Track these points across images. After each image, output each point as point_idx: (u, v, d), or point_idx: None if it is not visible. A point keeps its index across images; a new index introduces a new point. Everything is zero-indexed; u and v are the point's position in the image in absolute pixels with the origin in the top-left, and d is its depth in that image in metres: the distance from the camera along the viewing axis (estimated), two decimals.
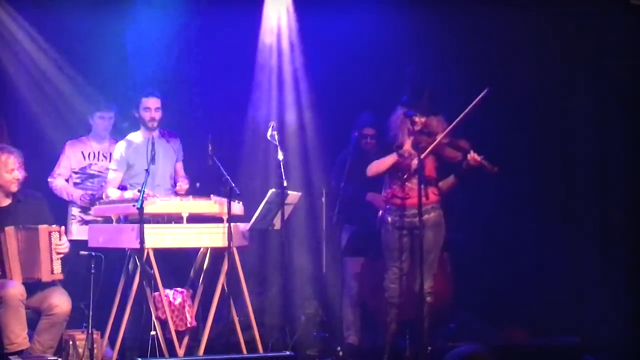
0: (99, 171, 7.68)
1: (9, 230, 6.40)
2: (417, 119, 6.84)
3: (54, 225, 6.58)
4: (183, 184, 7.25)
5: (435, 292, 6.95)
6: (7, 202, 6.59)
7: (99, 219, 7.17)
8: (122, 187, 7.35)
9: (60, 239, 6.53)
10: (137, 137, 7.34)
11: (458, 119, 6.72)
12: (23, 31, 8.03)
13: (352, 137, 7.50)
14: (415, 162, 6.79)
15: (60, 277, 6.53)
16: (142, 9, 8.00)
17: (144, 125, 7.34)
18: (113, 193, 7.17)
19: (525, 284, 8.01)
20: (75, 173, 7.67)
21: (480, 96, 6.66)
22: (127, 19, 7.99)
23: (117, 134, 7.71)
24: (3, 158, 6.54)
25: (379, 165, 6.98)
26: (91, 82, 8.06)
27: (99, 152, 7.73)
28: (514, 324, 7.76)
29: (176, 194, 7.18)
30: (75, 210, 7.63)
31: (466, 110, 6.69)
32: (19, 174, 6.57)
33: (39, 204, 6.72)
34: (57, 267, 6.49)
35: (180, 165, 7.49)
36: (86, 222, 7.55)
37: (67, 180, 7.68)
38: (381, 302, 7.08)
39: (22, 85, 8.04)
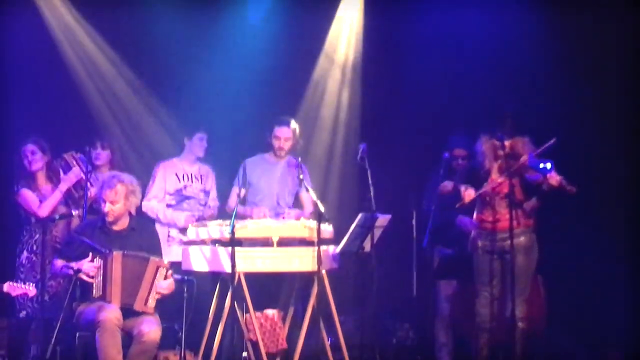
0: (193, 193, 7.79)
1: (117, 255, 6.50)
2: (505, 142, 6.79)
3: (165, 261, 6.67)
4: (291, 213, 7.32)
5: (527, 316, 6.85)
6: (121, 227, 6.71)
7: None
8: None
9: (165, 277, 6.59)
10: (262, 158, 7.46)
11: (519, 163, 6.73)
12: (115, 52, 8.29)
13: (443, 159, 7.45)
14: (468, 193, 6.79)
15: (152, 311, 6.55)
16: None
17: (272, 150, 7.47)
18: (239, 208, 7.26)
19: (620, 305, 7.85)
20: (170, 195, 7.77)
21: (546, 145, 6.68)
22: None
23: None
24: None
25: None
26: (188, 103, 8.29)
27: (191, 174, 7.83)
28: (609, 346, 7.61)
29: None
30: (173, 232, 7.73)
31: (537, 152, 6.72)
32: (104, 208, 6.60)
33: (151, 235, 6.84)
34: (152, 301, 6.53)
35: (305, 196, 7.48)
36: (186, 244, 7.68)
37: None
38: (473, 326, 7.02)
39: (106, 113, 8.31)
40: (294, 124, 7.47)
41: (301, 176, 7.03)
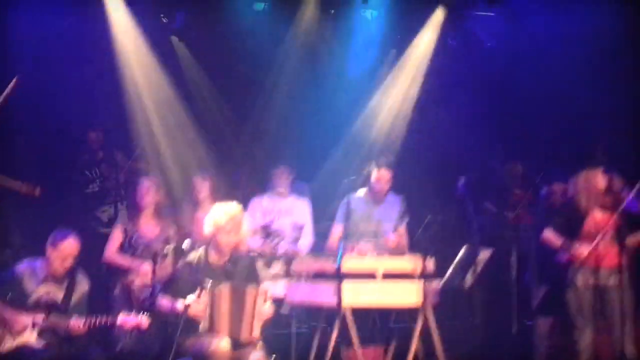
0: (280, 228, 7.78)
1: (225, 288, 6.48)
2: (602, 178, 6.81)
3: (260, 288, 6.66)
4: (392, 238, 7.26)
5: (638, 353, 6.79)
6: (223, 260, 6.70)
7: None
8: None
9: (264, 302, 6.59)
10: (362, 198, 7.38)
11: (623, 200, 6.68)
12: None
13: (541, 197, 7.39)
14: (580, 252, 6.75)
15: (258, 339, 6.52)
16: None
17: (372, 191, 7.38)
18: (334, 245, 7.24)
19: None
20: (258, 230, 7.80)
21: None
22: None
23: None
24: (228, 222, 6.58)
25: (550, 242, 6.92)
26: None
27: (279, 209, 7.84)
28: None
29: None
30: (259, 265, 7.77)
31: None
32: (231, 241, 6.60)
33: (250, 265, 6.83)
34: (257, 329, 6.51)
35: (402, 228, 7.45)
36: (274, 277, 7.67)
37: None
38: None
39: None
40: (390, 165, 7.37)
41: (406, 218, 7.05)
